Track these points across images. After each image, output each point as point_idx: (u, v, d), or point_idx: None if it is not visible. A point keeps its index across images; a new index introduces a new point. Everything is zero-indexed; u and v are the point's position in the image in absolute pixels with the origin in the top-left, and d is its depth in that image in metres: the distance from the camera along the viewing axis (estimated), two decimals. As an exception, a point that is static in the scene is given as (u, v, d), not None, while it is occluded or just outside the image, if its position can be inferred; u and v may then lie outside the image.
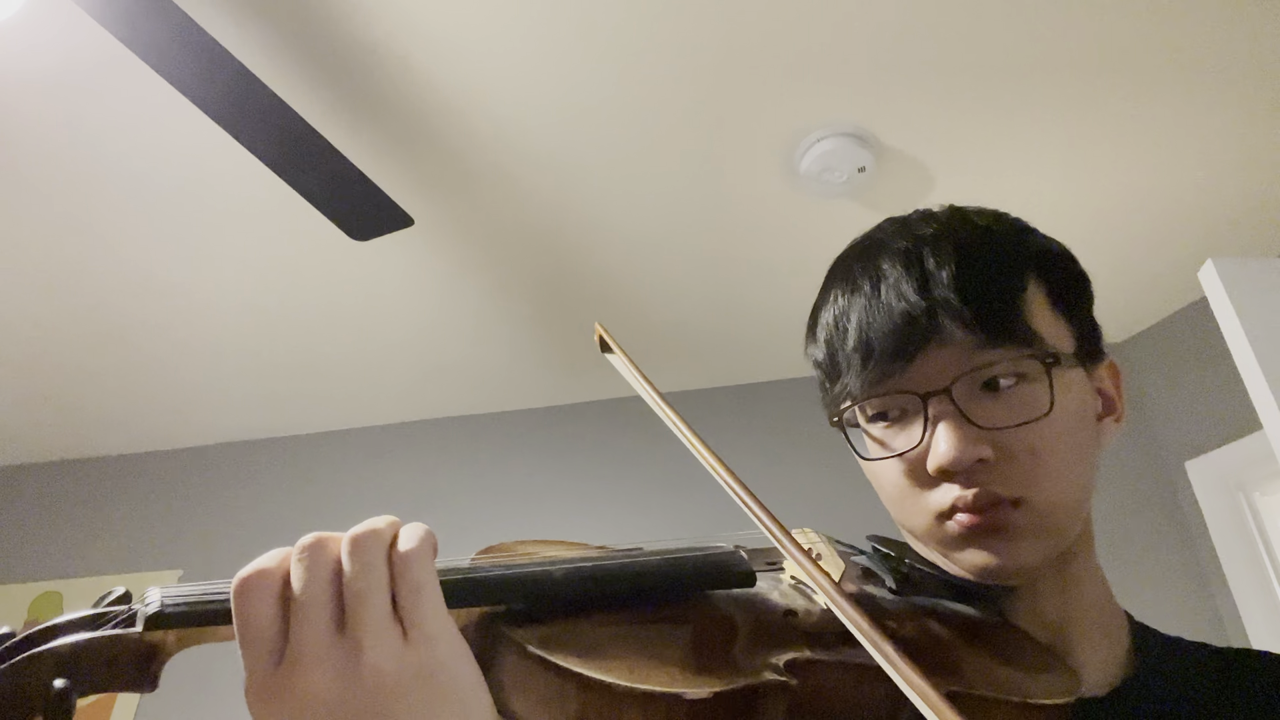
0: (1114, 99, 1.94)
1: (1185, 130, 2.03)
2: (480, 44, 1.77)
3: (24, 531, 2.95)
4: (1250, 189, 2.22)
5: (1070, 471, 0.60)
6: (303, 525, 0.44)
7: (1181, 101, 1.95)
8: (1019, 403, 0.59)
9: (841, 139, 1.99)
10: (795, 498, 2.61)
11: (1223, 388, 2.37)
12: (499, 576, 0.47)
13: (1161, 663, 0.64)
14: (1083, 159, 2.10)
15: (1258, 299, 1.76)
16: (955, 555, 0.60)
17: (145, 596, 0.42)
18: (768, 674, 0.46)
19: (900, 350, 0.59)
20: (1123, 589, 0.68)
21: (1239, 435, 2.40)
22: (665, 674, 0.44)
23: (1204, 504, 2.47)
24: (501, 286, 2.46)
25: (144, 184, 2.05)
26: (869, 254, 0.65)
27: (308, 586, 0.39)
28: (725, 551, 0.55)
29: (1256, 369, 1.70)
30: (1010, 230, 0.66)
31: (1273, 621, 2.26)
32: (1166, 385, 2.67)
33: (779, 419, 2.80)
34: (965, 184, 2.14)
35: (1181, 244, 2.38)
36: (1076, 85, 1.90)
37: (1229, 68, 1.87)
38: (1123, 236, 2.36)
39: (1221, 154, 2.10)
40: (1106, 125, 2.01)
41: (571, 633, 0.46)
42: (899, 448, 0.61)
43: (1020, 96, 1.92)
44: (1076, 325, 0.64)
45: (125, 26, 1.41)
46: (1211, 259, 1.80)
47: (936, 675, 0.48)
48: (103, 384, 2.72)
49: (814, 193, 2.12)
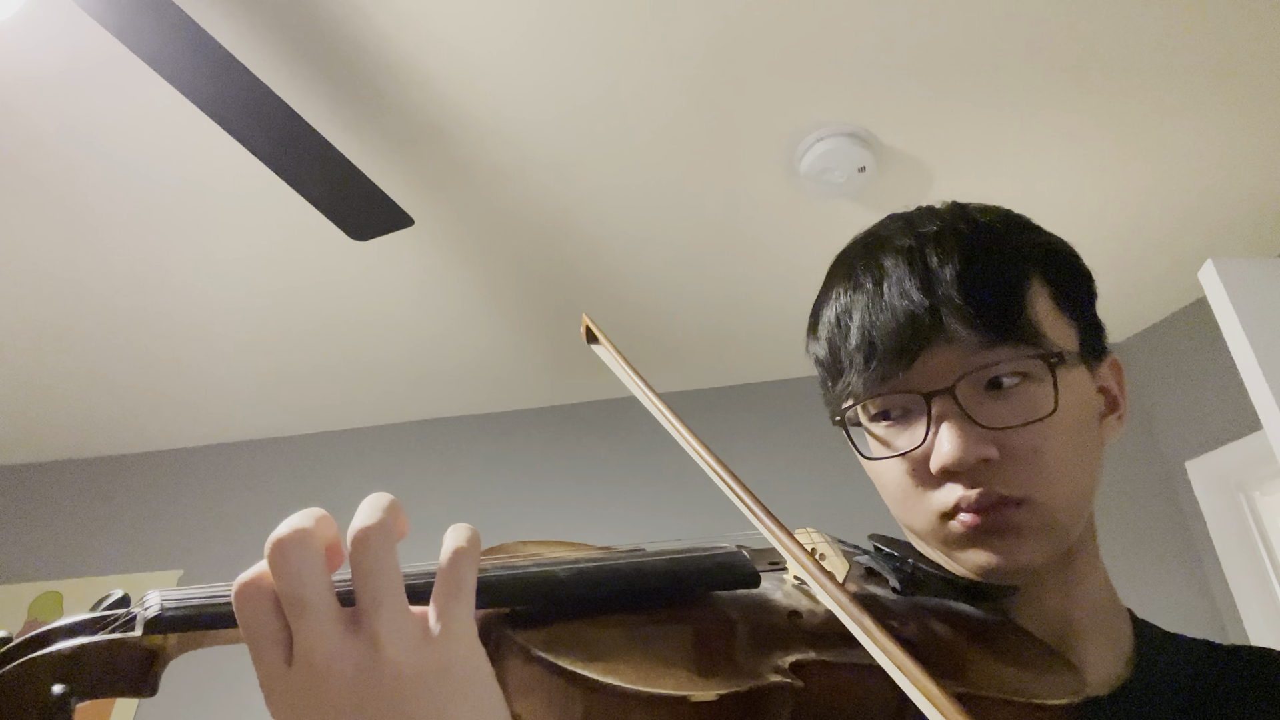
0: (1114, 99, 1.94)
1: (1185, 130, 2.03)
2: (480, 44, 1.77)
3: (24, 531, 2.95)
4: (1250, 189, 2.22)
5: (1074, 471, 0.60)
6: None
7: (1182, 101, 1.95)
8: (1023, 402, 0.58)
9: (841, 139, 1.99)
10: (799, 498, 2.60)
11: (1223, 388, 2.37)
12: (503, 579, 0.47)
13: (1163, 661, 0.64)
14: (1083, 159, 2.10)
15: (1258, 299, 1.76)
16: (959, 555, 0.60)
17: (144, 600, 0.41)
18: (773, 676, 0.45)
19: (903, 349, 0.59)
20: (1123, 589, 0.68)
21: (1239, 435, 2.40)
22: (671, 676, 0.44)
23: (1204, 504, 2.47)
24: (501, 286, 2.45)
25: (144, 184, 2.05)
26: (871, 251, 0.64)
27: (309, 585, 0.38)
28: (729, 552, 0.54)
29: (1256, 369, 1.70)
30: (1013, 227, 0.66)
31: (1273, 621, 2.26)
32: (1166, 385, 2.67)
33: (779, 419, 2.80)
34: (965, 184, 2.14)
35: (1181, 244, 2.38)
36: (1076, 85, 1.90)
37: (1230, 69, 1.87)
38: (1123, 236, 2.36)
39: (1221, 154, 2.10)
40: (1106, 125, 2.01)
41: (576, 635, 0.46)
42: (902, 447, 0.61)
43: (1020, 96, 1.92)
44: (1079, 323, 0.64)
45: (125, 26, 1.41)
46: (1211, 259, 1.81)
47: (942, 676, 0.48)
48: (103, 384, 2.72)
49: (814, 193, 2.12)
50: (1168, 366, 2.68)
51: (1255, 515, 2.41)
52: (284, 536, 0.38)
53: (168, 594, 0.41)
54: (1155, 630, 0.67)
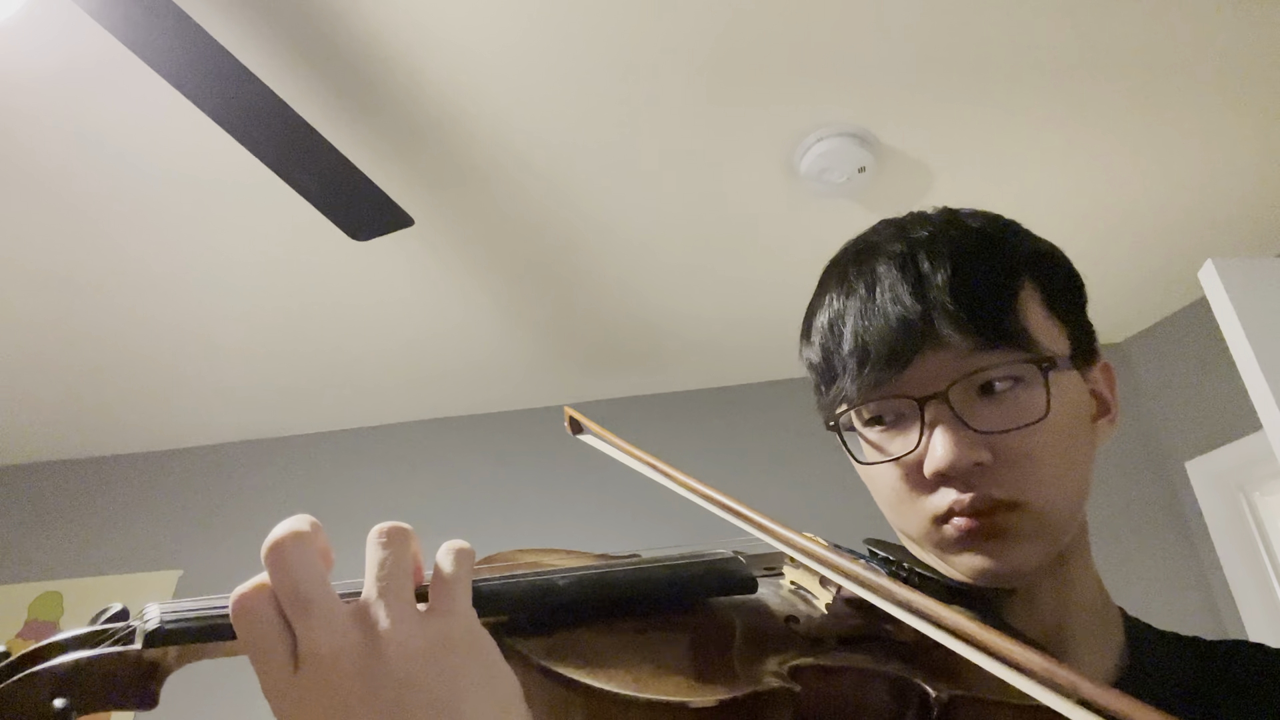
0: (1114, 99, 1.94)
1: (1185, 130, 2.03)
2: (480, 44, 1.77)
3: (24, 531, 2.95)
4: (1250, 189, 2.22)
5: (1067, 474, 0.60)
6: (303, 526, 0.43)
7: (1182, 102, 1.95)
8: (1015, 406, 0.59)
9: (841, 139, 1.99)
10: (798, 498, 2.61)
11: (1223, 388, 2.37)
12: (501, 587, 0.47)
13: (1154, 659, 0.64)
14: (1083, 159, 2.10)
15: (1258, 299, 1.76)
16: (952, 559, 0.61)
17: (144, 613, 0.41)
18: (772, 681, 0.46)
19: (896, 355, 0.59)
20: (1123, 589, 0.68)
21: (1239, 435, 2.40)
22: (670, 683, 0.44)
23: (1204, 504, 2.47)
24: (501, 286, 2.46)
25: (144, 184, 2.05)
26: (864, 257, 0.65)
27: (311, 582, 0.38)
28: (726, 558, 0.55)
29: (1256, 369, 1.70)
30: (1004, 232, 0.66)
31: (1273, 621, 2.26)
32: (1166, 385, 2.67)
33: (779, 419, 2.80)
34: (965, 184, 2.14)
35: (1181, 244, 2.38)
36: (1077, 85, 1.90)
37: (1230, 69, 1.87)
38: (1123, 236, 2.36)
39: (1221, 154, 2.10)
40: (1106, 125, 2.01)
41: (575, 642, 0.46)
42: (895, 451, 0.61)
43: (1020, 97, 1.92)
44: (1070, 327, 0.64)
45: (125, 26, 1.41)
46: (1211, 259, 1.81)
47: (939, 678, 0.49)
48: (103, 384, 2.72)
49: (814, 193, 2.12)
50: (1168, 366, 2.68)
51: (1255, 515, 2.41)
52: (281, 538, 0.39)
53: (167, 607, 0.41)
54: (1147, 629, 0.68)
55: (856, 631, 0.53)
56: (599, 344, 2.72)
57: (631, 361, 2.80)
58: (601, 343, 2.71)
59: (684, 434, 2.87)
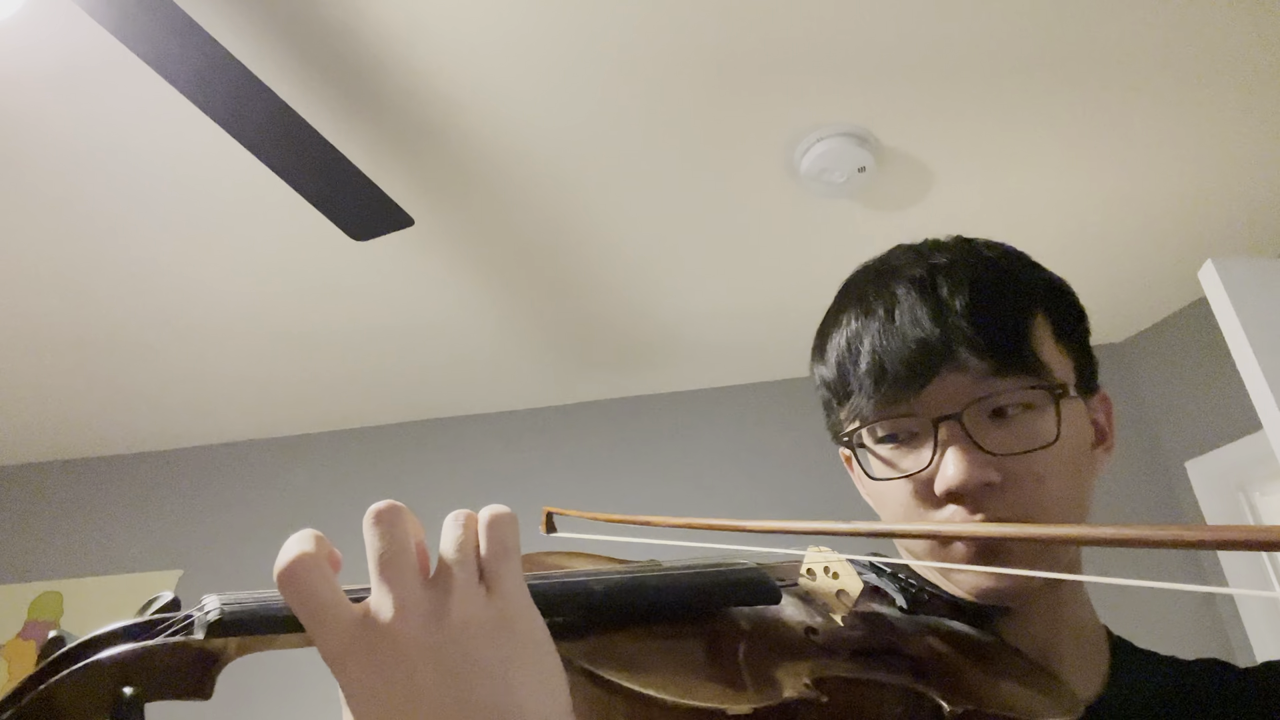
0: (1114, 99, 1.94)
1: (1185, 130, 2.03)
2: (481, 44, 1.77)
3: (24, 531, 2.95)
4: (1250, 189, 2.22)
5: (1071, 498, 0.62)
6: (303, 525, 0.43)
7: (1182, 101, 1.95)
8: (1026, 430, 0.61)
9: (841, 139, 1.99)
10: (798, 497, 2.61)
11: (1223, 388, 2.37)
12: (542, 589, 0.48)
13: (1134, 678, 0.67)
14: (1082, 159, 2.10)
15: (1258, 299, 1.76)
16: (957, 577, 0.62)
17: (202, 603, 0.41)
18: (800, 690, 0.47)
19: (914, 375, 0.61)
20: (1124, 591, 0.69)
21: (1239, 435, 2.40)
22: (707, 689, 0.45)
23: (1204, 504, 2.47)
24: (502, 286, 2.46)
25: (143, 184, 2.05)
26: (883, 279, 0.67)
27: (398, 547, 0.41)
28: (752, 569, 0.56)
29: (1256, 369, 1.70)
30: (1018, 264, 0.69)
31: (1273, 621, 2.26)
32: (1166, 385, 2.67)
33: (779, 419, 2.80)
34: (965, 184, 2.14)
35: (1181, 244, 2.38)
36: (1076, 85, 1.90)
37: (1229, 68, 1.87)
38: (1123, 236, 2.36)
39: (1221, 154, 2.10)
40: (1106, 125, 2.01)
41: (613, 647, 0.47)
42: (907, 468, 0.63)
43: (1020, 96, 1.92)
44: (1076, 357, 0.66)
45: (125, 26, 1.41)
46: (1211, 259, 1.81)
47: (950, 694, 0.50)
48: (103, 384, 2.72)
49: (814, 193, 2.12)
50: (1168, 366, 2.68)
51: (1255, 515, 2.41)
52: (383, 509, 0.42)
53: (226, 598, 0.41)
54: (1129, 647, 0.70)
55: (870, 644, 0.54)
56: (600, 344, 2.72)
57: (632, 361, 2.80)
58: (602, 342, 2.71)
59: (684, 434, 2.87)
